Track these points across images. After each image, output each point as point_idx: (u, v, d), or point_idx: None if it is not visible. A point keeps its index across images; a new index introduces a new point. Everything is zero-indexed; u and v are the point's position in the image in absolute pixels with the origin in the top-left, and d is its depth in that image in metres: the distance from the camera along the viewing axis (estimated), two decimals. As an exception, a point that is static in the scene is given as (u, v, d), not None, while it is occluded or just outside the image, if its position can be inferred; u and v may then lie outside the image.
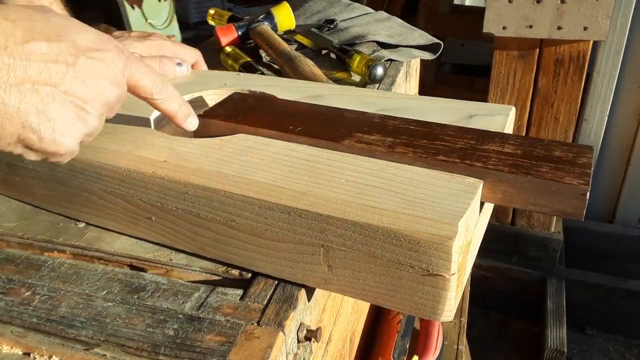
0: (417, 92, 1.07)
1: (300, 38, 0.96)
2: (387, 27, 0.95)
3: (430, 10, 1.84)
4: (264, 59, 0.91)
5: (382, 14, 1.02)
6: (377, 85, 0.81)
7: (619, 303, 1.63)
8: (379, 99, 0.62)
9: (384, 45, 0.91)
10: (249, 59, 0.87)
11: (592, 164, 0.45)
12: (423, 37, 0.94)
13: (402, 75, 0.86)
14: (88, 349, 0.41)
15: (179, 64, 0.67)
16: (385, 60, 0.87)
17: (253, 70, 0.84)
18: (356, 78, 0.85)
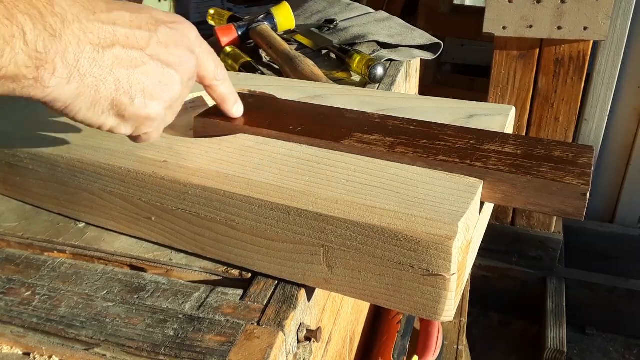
0: (417, 92, 1.07)
1: (300, 38, 0.96)
2: (387, 27, 0.95)
3: (430, 10, 1.84)
4: (264, 59, 0.91)
5: (382, 14, 1.02)
6: (377, 85, 0.81)
7: (619, 303, 1.62)
8: (379, 99, 0.62)
9: (384, 45, 0.91)
10: (249, 59, 0.87)
11: (592, 164, 0.45)
12: (423, 37, 0.94)
13: (402, 75, 0.86)
14: (88, 349, 0.41)
15: None
16: (385, 60, 0.87)
17: (253, 70, 0.84)
18: (356, 78, 0.85)
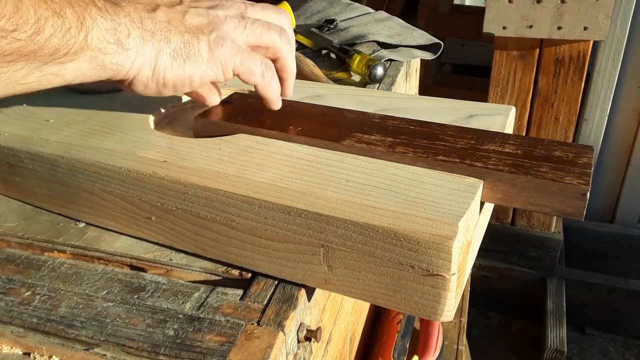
0: (417, 92, 1.07)
1: (300, 38, 0.96)
2: (387, 27, 0.95)
3: (430, 10, 1.84)
4: (264, 59, 0.91)
5: (382, 13, 1.02)
6: (377, 85, 0.81)
7: (619, 303, 1.62)
8: (379, 99, 0.62)
9: (384, 45, 0.91)
10: (249, 59, 0.86)
11: (592, 164, 0.45)
12: (423, 37, 0.94)
13: (402, 75, 0.86)
14: (88, 349, 0.41)
15: None
16: (385, 60, 0.87)
17: (253, 70, 0.84)
18: (356, 78, 0.85)
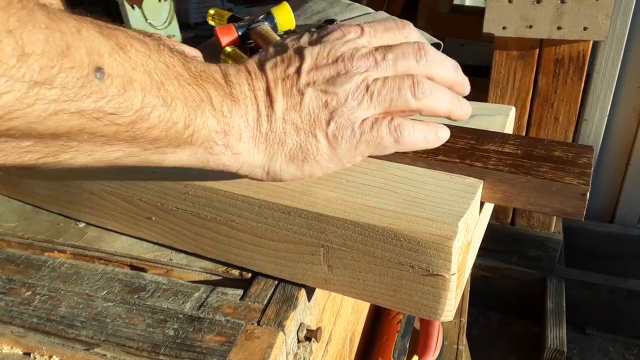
0: (417, 92, 1.06)
1: (300, 38, 0.96)
2: (387, 27, 0.95)
3: (430, 10, 1.84)
4: (264, 59, 0.91)
5: (382, 14, 1.02)
6: (377, 85, 0.81)
7: (619, 303, 1.62)
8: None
9: (384, 45, 0.91)
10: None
11: (592, 164, 0.45)
12: (423, 37, 0.93)
13: (402, 75, 0.86)
14: (88, 349, 0.41)
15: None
16: (385, 60, 0.87)
17: (253, 70, 0.84)
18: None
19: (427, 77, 0.42)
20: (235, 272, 0.48)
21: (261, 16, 0.96)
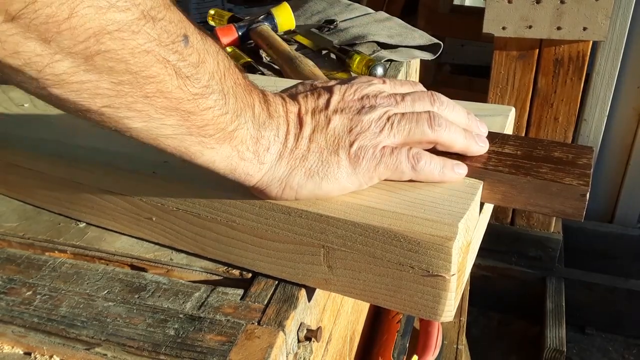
0: (417, 92, 1.06)
1: (300, 38, 0.97)
2: (387, 27, 0.95)
3: (430, 10, 1.84)
4: (264, 59, 0.91)
5: (382, 14, 1.02)
6: (377, 85, 0.81)
7: (619, 303, 1.63)
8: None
9: (384, 46, 0.91)
10: (249, 59, 0.87)
11: (592, 164, 0.45)
12: (423, 37, 0.94)
13: (402, 76, 0.86)
14: (89, 349, 0.41)
15: None
16: (385, 61, 0.87)
17: (253, 70, 0.84)
18: (356, 78, 0.85)
19: None
20: (236, 272, 0.49)
21: (261, 16, 0.96)
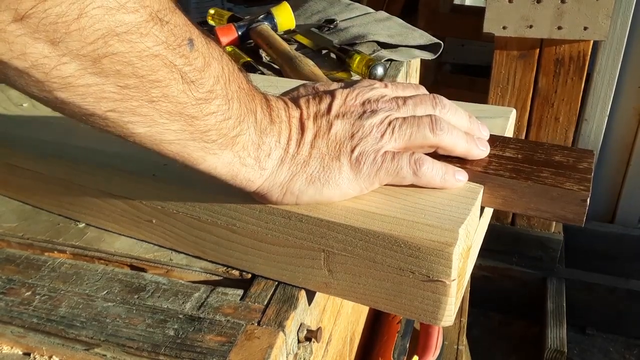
0: (418, 92, 1.06)
1: (300, 38, 0.96)
2: (387, 27, 0.95)
3: (430, 10, 1.84)
4: (264, 59, 0.91)
5: (382, 14, 1.01)
6: (378, 85, 0.81)
7: (620, 303, 1.63)
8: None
9: (384, 45, 0.91)
10: (249, 59, 0.87)
11: (593, 168, 0.45)
12: (423, 37, 0.93)
13: (402, 75, 0.86)
14: (88, 349, 0.41)
15: None
16: (386, 60, 0.87)
17: (253, 70, 0.84)
18: (356, 78, 0.85)
19: None
20: (236, 273, 0.48)
21: (261, 16, 0.96)
